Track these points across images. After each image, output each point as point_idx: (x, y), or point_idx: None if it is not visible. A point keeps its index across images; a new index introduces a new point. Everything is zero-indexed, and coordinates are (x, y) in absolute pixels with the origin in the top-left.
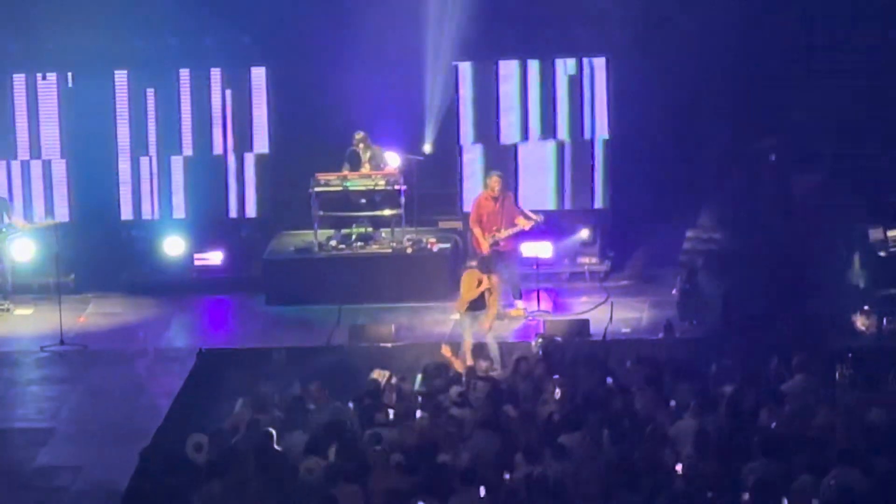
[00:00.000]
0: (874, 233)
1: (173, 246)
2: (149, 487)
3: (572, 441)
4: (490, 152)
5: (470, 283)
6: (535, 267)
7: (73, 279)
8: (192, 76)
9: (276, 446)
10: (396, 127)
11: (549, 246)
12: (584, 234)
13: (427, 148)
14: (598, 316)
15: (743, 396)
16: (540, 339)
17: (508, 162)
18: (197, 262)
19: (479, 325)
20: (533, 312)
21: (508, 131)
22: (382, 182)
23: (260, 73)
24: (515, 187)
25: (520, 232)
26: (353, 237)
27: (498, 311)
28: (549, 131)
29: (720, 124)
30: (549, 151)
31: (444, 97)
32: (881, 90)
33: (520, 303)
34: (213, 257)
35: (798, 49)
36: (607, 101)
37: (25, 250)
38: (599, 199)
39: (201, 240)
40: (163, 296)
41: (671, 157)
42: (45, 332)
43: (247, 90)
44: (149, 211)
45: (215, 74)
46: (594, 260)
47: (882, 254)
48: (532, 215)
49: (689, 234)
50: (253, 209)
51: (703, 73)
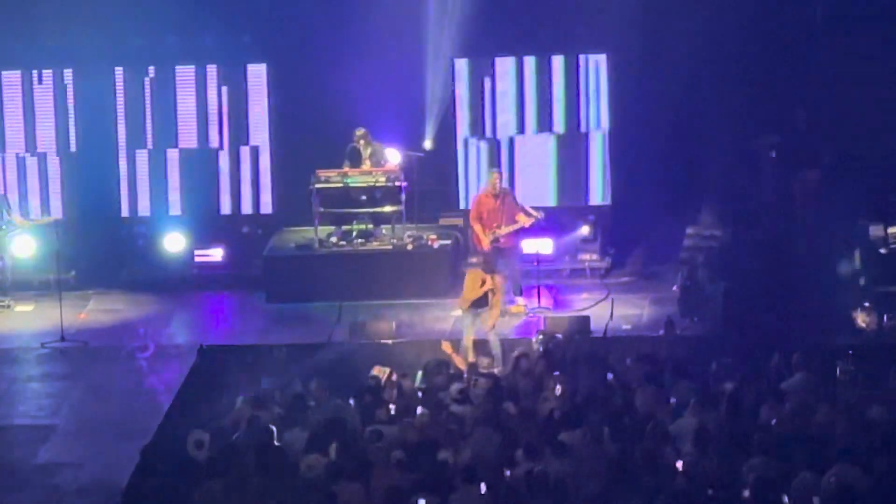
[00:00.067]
0: (875, 230)
1: (174, 242)
2: (150, 484)
3: (573, 438)
4: (492, 150)
5: (474, 283)
6: (535, 263)
7: (74, 276)
8: (191, 73)
9: (277, 443)
10: (397, 123)
11: (550, 242)
12: (584, 230)
13: (427, 144)
14: (598, 313)
15: (743, 394)
16: (540, 336)
17: (512, 159)
18: (198, 259)
19: (482, 323)
20: (533, 309)
21: (511, 128)
22: (383, 179)
23: (259, 70)
24: (512, 183)
25: (520, 229)
26: (354, 234)
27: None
28: (549, 127)
29: (721, 122)
30: (550, 148)
31: (444, 94)
32: (882, 87)
33: (520, 299)
34: (213, 254)
35: (799, 46)
36: (608, 98)
37: (26, 247)
38: (600, 196)
39: (202, 236)
40: (163, 292)
41: (672, 155)
42: (46, 329)
43: (243, 87)
44: (149, 208)
45: (212, 71)
46: (595, 257)
47: (883, 251)
48: (533, 212)
49: (689, 231)
50: (254, 206)
51: (704, 71)
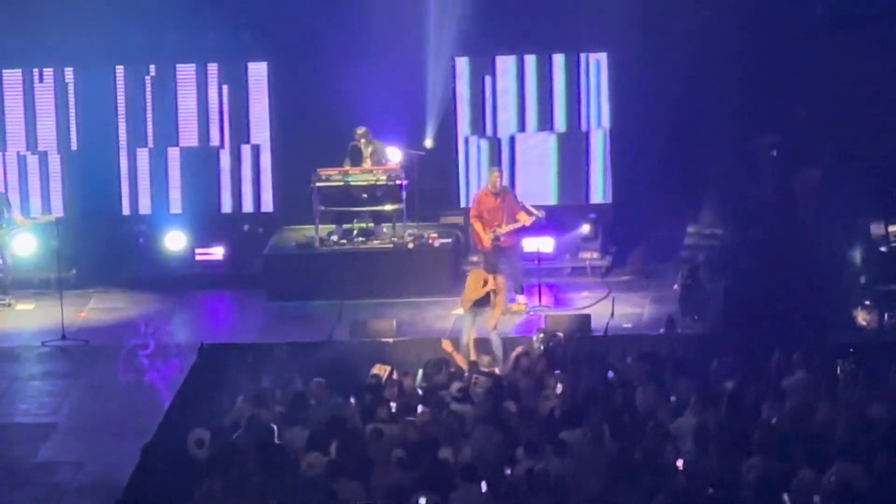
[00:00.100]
0: (875, 228)
1: (175, 241)
2: (150, 483)
3: (573, 437)
4: (493, 148)
5: (476, 283)
6: (536, 262)
7: (75, 274)
8: (191, 72)
9: (278, 442)
10: (398, 122)
11: (551, 241)
12: (585, 229)
13: (428, 143)
14: (599, 311)
15: (744, 392)
16: (541, 335)
17: (512, 158)
18: (198, 257)
19: (484, 322)
20: (534, 307)
21: (512, 127)
22: (384, 177)
23: (260, 68)
24: (512, 182)
25: (521, 227)
26: (355, 232)
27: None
28: (550, 126)
29: (722, 120)
30: (551, 146)
31: (444, 92)
32: (882, 86)
33: (521, 298)
34: (214, 252)
35: (799, 44)
36: (609, 97)
37: (26, 245)
38: (601, 195)
39: (203, 235)
40: (164, 291)
41: (672, 153)
42: (47, 327)
43: (244, 85)
44: (150, 206)
45: (212, 70)
46: (595, 255)
47: (883, 249)
48: (534, 210)
49: (690, 229)
50: (254, 204)
51: (705, 70)
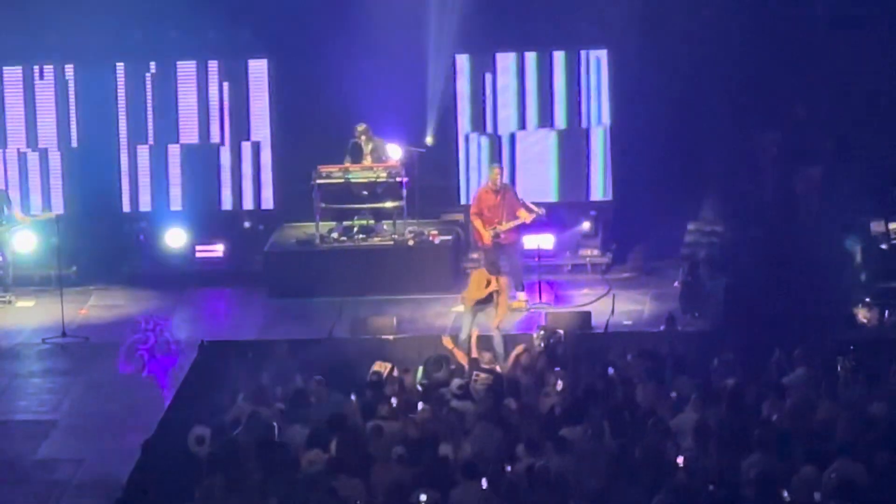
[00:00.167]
0: (876, 225)
1: (175, 238)
2: (150, 480)
3: (574, 434)
4: (493, 146)
5: (479, 283)
6: (536, 259)
7: (75, 271)
8: (192, 68)
9: (278, 439)
10: (398, 119)
11: (551, 238)
12: (585, 226)
13: (428, 140)
14: (599, 308)
15: (744, 389)
16: (542, 332)
17: (512, 155)
18: (199, 255)
19: (486, 320)
20: (535, 305)
21: (513, 124)
22: (384, 174)
23: (261, 65)
24: (513, 179)
25: (521, 225)
26: (355, 229)
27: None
28: (550, 123)
29: (722, 118)
30: (551, 143)
31: (445, 89)
32: (883, 83)
33: (522, 295)
34: (214, 249)
35: (800, 41)
36: (609, 94)
37: (27, 242)
38: (601, 192)
39: (203, 232)
40: (165, 288)
41: (673, 150)
42: (47, 325)
43: (245, 83)
44: (150, 203)
45: (213, 66)
46: (596, 252)
47: (884, 246)
48: (534, 208)
49: (690, 226)
50: (255, 201)
51: (705, 67)
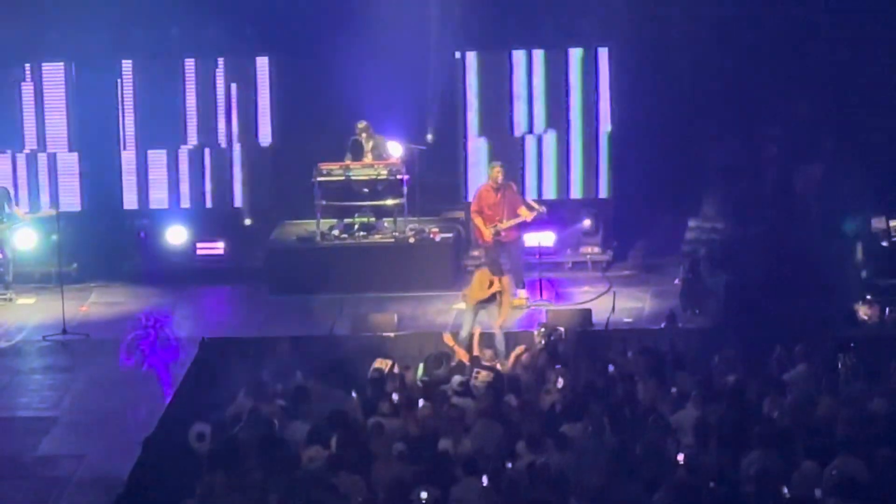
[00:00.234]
0: (877, 222)
1: (176, 235)
2: (151, 477)
3: (574, 431)
4: (493, 143)
5: (482, 283)
6: (537, 256)
7: (76, 268)
8: (197, 66)
9: (278, 436)
10: (399, 116)
11: (552, 235)
12: (586, 223)
13: (430, 137)
14: (600, 306)
15: (745, 386)
16: (542, 329)
17: (513, 152)
18: (200, 252)
19: (489, 319)
20: (535, 302)
21: (514, 122)
22: (385, 171)
23: (262, 62)
24: (522, 178)
25: (522, 222)
26: (356, 227)
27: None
28: (551, 121)
29: (723, 114)
30: (552, 141)
31: (446, 86)
32: (884, 80)
33: (522, 292)
34: (215, 246)
35: (801, 39)
36: (610, 91)
37: (27, 240)
38: (602, 189)
39: (204, 229)
40: (165, 285)
41: (674, 147)
42: (48, 322)
43: (252, 80)
44: (152, 200)
45: (220, 64)
46: (597, 249)
47: (885, 244)
48: (535, 206)
49: (691, 224)
50: (256, 199)
51: (706, 64)
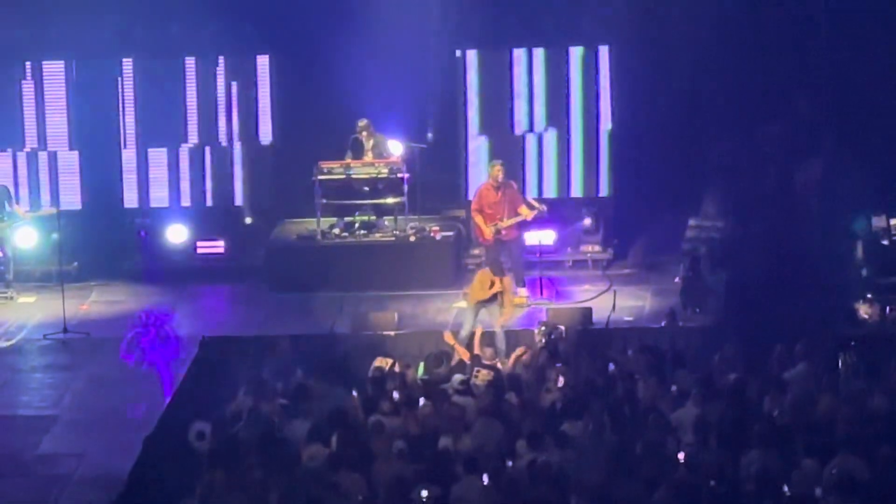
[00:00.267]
0: (877, 221)
1: (176, 234)
2: (151, 475)
3: (575, 429)
4: (494, 141)
5: (483, 283)
6: (538, 255)
7: (77, 267)
8: (197, 65)
9: (279, 434)
10: (399, 115)
11: (553, 234)
12: (587, 222)
13: (430, 136)
14: (600, 304)
15: (745, 385)
16: (543, 328)
17: (514, 151)
18: (200, 250)
19: (490, 318)
20: (536, 300)
21: (514, 120)
22: (385, 170)
23: (262, 61)
24: (522, 176)
25: (522, 221)
26: (356, 225)
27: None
28: (552, 119)
29: (723, 112)
30: (552, 139)
31: (447, 85)
32: (885, 77)
33: (523, 291)
34: (216, 245)
35: (801, 36)
36: (610, 90)
37: (28, 238)
38: (603, 188)
39: (204, 228)
40: (166, 283)
41: (674, 146)
42: (49, 320)
43: (252, 78)
44: (153, 199)
45: (220, 63)
46: (597, 248)
47: (885, 242)
48: (536, 204)
49: (691, 222)
50: (256, 197)
51: (706, 62)
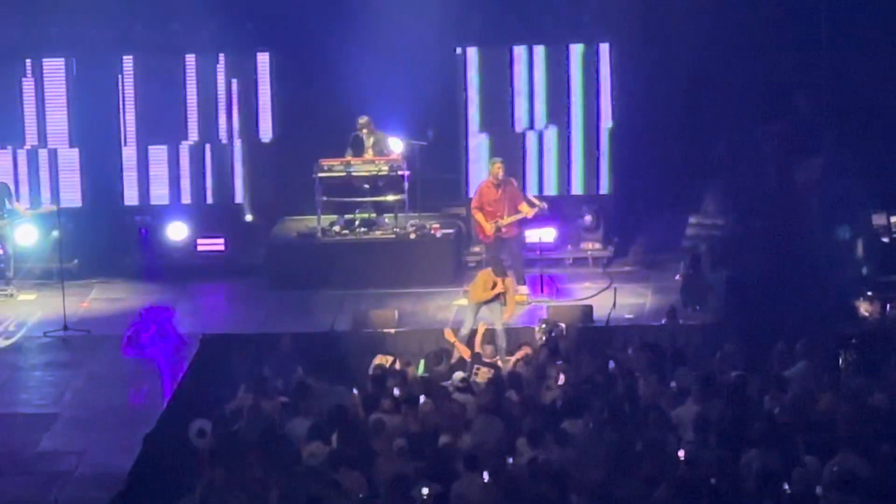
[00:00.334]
0: (877, 218)
1: (177, 231)
2: (152, 473)
3: (575, 427)
4: (494, 139)
5: (485, 284)
6: (538, 252)
7: (77, 264)
8: (197, 62)
9: (279, 432)
10: (400, 112)
11: (553, 231)
12: (587, 219)
13: (431, 133)
14: (601, 302)
15: (746, 382)
16: (543, 325)
17: (514, 148)
18: (200, 248)
19: (492, 316)
20: (536, 298)
21: (514, 118)
22: (386, 167)
23: (264, 58)
24: (523, 174)
25: (523, 218)
26: (357, 223)
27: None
28: (552, 117)
29: (724, 110)
30: (553, 137)
31: (447, 83)
32: (886, 74)
33: (523, 288)
34: (216, 242)
35: (801, 34)
36: (611, 87)
37: (28, 236)
38: (603, 185)
39: (205, 225)
40: (166, 281)
41: (675, 143)
42: (49, 318)
43: (253, 76)
44: (153, 196)
45: (220, 60)
46: (597, 246)
47: (885, 239)
48: (536, 202)
49: (692, 219)
50: (257, 194)
51: (707, 59)
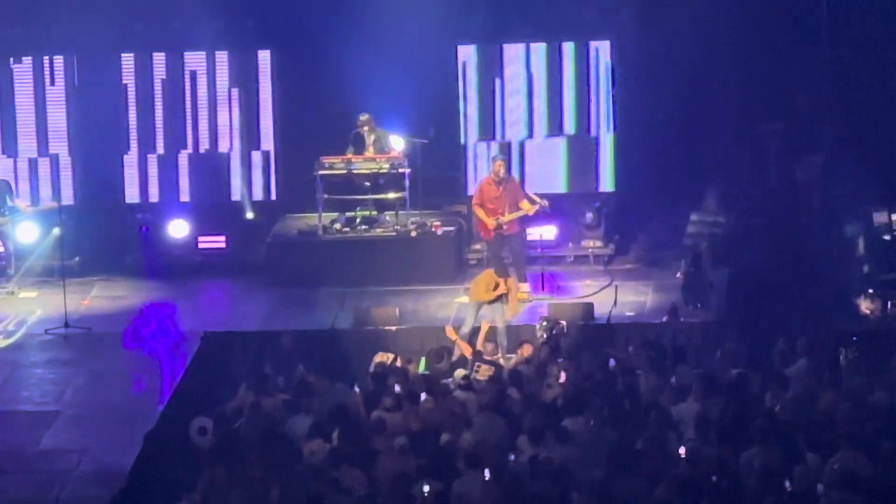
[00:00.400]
0: (878, 216)
1: (178, 229)
2: (153, 470)
3: (576, 425)
4: (495, 137)
5: (487, 285)
6: (539, 250)
7: (78, 262)
8: (198, 60)
9: (280, 430)
10: (401, 110)
11: (554, 229)
12: (588, 217)
13: (431, 131)
14: (602, 299)
15: (747, 380)
16: (544, 323)
17: (514, 146)
18: (201, 245)
19: (491, 312)
20: (537, 296)
21: (515, 116)
22: (387, 165)
23: (265, 56)
24: (523, 172)
25: (524, 216)
26: (358, 220)
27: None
28: (553, 115)
29: (725, 108)
30: (553, 135)
31: (448, 80)
32: (886, 72)
33: (524, 286)
34: (217, 240)
35: (802, 31)
36: (612, 85)
37: (29, 233)
38: (604, 183)
39: (206, 223)
40: (167, 279)
41: (676, 141)
42: (50, 315)
43: (254, 74)
44: (154, 194)
45: (221, 58)
46: (598, 243)
47: (887, 237)
48: (537, 199)
49: (693, 217)
50: (258, 192)
51: (708, 57)
